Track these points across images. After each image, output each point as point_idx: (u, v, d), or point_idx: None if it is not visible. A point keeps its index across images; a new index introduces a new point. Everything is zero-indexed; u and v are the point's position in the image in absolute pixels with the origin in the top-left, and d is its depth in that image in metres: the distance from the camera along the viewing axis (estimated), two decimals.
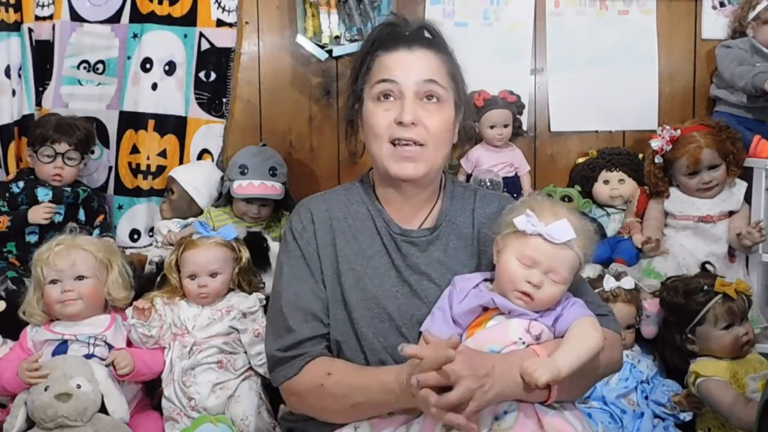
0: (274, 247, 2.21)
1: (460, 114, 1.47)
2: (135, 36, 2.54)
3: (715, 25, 2.65)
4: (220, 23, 2.57)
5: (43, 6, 2.56)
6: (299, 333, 1.39)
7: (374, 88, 1.41)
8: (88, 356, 1.88)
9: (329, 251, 1.44)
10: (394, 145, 1.38)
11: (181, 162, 2.57)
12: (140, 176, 2.54)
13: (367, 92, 1.43)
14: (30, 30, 2.55)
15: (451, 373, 1.16)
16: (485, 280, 1.40)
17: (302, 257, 1.44)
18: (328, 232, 1.45)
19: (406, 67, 1.39)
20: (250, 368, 1.99)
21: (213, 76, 2.58)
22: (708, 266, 2.12)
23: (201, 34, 2.56)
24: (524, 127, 2.61)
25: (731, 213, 2.34)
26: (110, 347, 1.92)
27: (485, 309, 1.35)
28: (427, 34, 1.45)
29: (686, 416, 1.99)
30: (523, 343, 1.29)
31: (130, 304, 1.97)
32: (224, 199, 2.41)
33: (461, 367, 1.16)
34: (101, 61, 2.57)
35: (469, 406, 1.17)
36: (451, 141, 1.46)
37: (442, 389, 1.16)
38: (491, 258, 1.42)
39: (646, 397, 2.05)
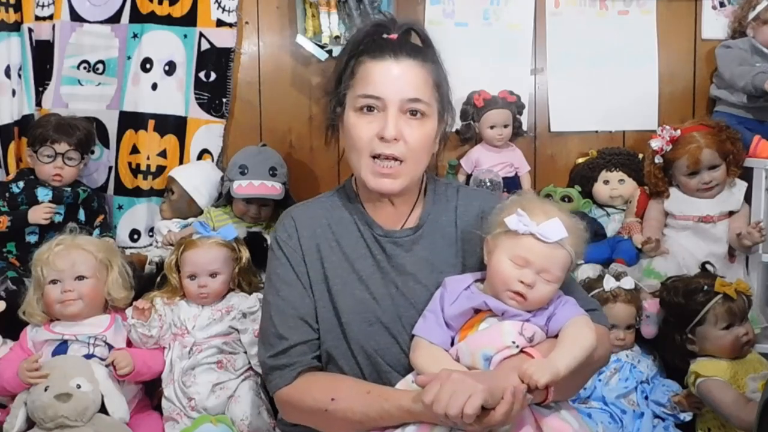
0: None
1: (444, 123, 1.46)
2: (135, 36, 2.53)
3: (715, 25, 2.64)
4: (220, 23, 2.56)
5: (43, 6, 2.56)
6: (289, 339, 1.40)
7: (357, 100, 1.38)
8: (88, 356, 1.89)
9: (315, 258, 1.44)
10: (374, 158, 1.37)
11: (181, 162, 2.56)
12: (140, 176, 2.54)
13: (350, 99, 1.40)
14: (30, 30, 2.54)
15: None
16: (476, 280, 1.39)
17: (289, 264, 1.44)
18: (312, 239, 1.45)
19: (392, 81, 1.36)
20: (250, 368, 1.99)
21: (213, 76, 2.58)
22: (708, 266, 2.12)
23: (201, 34, 2.56)
24: (524, 127, 2.61)
25: (731, 213, 2.34)
26: (110, 347, 1.92)
27: (477, 311, 1.35)
28: (414, 40, 1.43)
29: (686, 416, 1.99)
30: (516, 346, 1.28)
31: (130, 304, 1.97)
32: (224, 199, 2.41)
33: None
34: (101, 61, 2.57)
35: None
36: (432, 152, 1.44)
37: None
38: (478, 257, 1.41)
39: (646, 397, 2.05)
